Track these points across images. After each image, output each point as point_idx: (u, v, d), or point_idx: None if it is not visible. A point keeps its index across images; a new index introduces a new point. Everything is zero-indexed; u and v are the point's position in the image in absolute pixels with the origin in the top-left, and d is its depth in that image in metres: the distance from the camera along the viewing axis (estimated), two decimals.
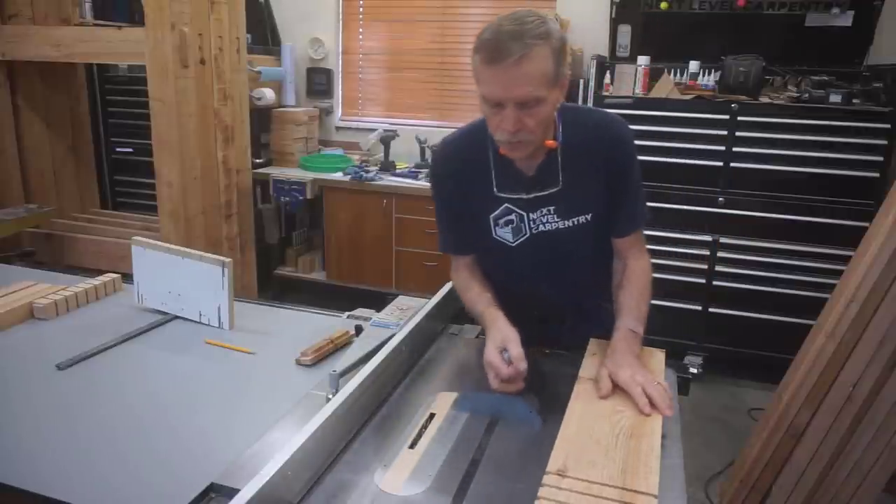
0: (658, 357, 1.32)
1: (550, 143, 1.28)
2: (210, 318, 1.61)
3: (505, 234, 1.36)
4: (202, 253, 1.62)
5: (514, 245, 1.37)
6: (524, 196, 1.33)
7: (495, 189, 1.33)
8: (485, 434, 1.16)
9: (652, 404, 1.12)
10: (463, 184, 1.37)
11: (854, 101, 2.97)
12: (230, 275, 1.57)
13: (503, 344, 1.22)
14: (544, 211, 1.33)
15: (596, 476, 0.95)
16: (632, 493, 0.92)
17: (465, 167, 1.36)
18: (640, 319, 1.29)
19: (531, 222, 1.34)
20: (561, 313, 1.50)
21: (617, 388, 1.17)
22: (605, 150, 1.30)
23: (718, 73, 3.22)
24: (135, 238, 1.70)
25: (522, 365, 1.20)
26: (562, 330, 1.50)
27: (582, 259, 1.40)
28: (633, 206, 1.36)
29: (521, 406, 1.20)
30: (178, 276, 1.62)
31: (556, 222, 1.34)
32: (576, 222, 1.34)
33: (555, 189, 1.31)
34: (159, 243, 1.67)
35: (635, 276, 1.35)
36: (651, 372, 1.23)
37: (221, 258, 1.58)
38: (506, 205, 1.34)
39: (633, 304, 1.30)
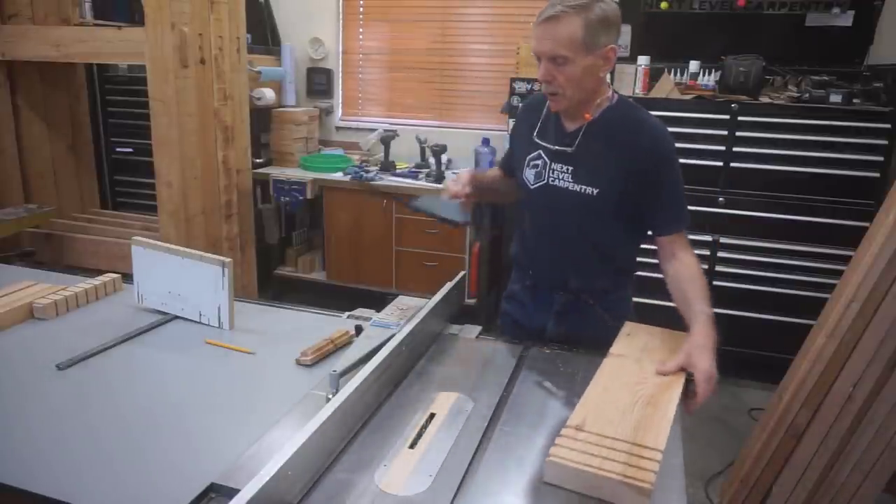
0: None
1: (588, 116, 1.46)
2: (210, 318, 1.61)
3: (529, 176, 1.56)
4: (202, 253, 1.62)
5: (532, 188, 1.55)
6: (552, 146, 1.52)
7: (536, 135, 1.55)
8: (485, 434, 1.16)
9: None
10: (522, 126, 1.62)
11: (854, 101, 2.98)
12: (230, 275, 1.57)
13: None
14: (563, 168, 1.50)
15: (610, 432, 1.04)
16: (640, 448, 1.00)
17: (527, 114, 1.62)
18: (708, 302, 1.38)
19: (551, 172, 1.52)
20: (556, 278, 1.60)
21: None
22: (634, 146, 1.43)
23: (718, 73, 3.22)
24: (135, 238, 1.70)
25: (465, 176, 1.57)
26: (550, 311, 1.62)
27: (584, 235, 1.52)
28: (672, 207, 1.49)
29: (456, 208, 1.56)
30: (178, 276, 1.62)
31: (568, 182, 1.49)
32: (582, 190, 1.47)
33: (571, 150, 1.48)
34: (159, 243, 1.67)
35: (691, 263, 1.47)
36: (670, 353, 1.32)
37: (221, 258, 1.58)
38: (538, 150, 1.54)
39: (700, 287, 1.42)
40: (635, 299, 1.68)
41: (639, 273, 1.65)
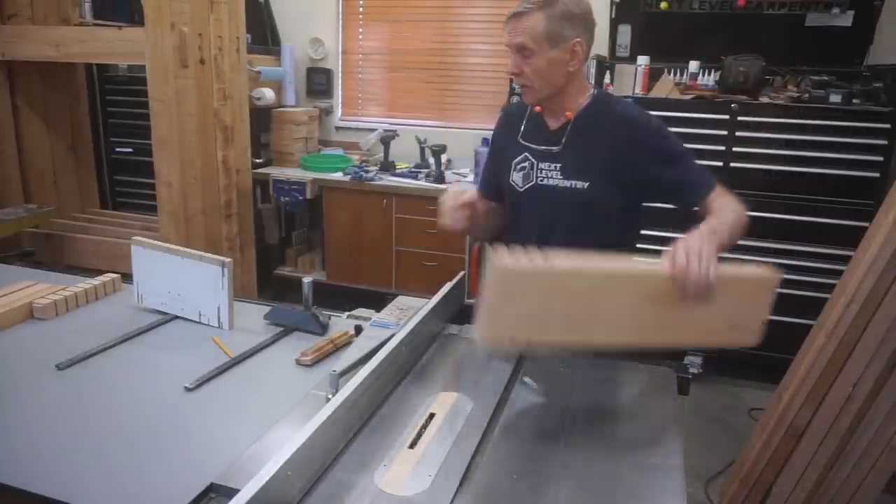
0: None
1: (568, 113, 1.52)
2: (210, 318, 1.61)
3: (517, 179, 1.58)
4: (202, 253, 1.62)
5: (521, 191, 1.57)
6: (538, 146, 1.55)
7: (520, 137, 1.59)
8: (485, 434, 1.16)
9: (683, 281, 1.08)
10: (503, 137, 1.67)
11: (854, 100, 2.97)
12: (230, 275, 1.58)
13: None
14: (551, 166, 1.53)
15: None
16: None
17: (509, 121, 1.66)
18: (723, 227, 1.28)
19: (539, 172, 1.54)
20: None
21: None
22: (621, 133, 1.47)
23: (718, 73, 3.22)
24: (134, 238, 1.70)
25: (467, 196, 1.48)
26: None
27: (575, 232, 1.51)
28: (691, 174, 1.47)
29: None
30: (178, 276, 1.62)
31: (558, 179, 1.52)
32: (573, 185, 1.50)
33: (557, 148, 1.52)
34: (159, 243, 1.67)
35: (724, 203, 1.39)
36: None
37: (221, 258, 1.58)
38: (524, 153, 1.57)
39: (718, 215, 1.34)
40: None
41: None
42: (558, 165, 1.51)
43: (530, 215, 1.58)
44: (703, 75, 3.27)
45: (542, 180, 1.53)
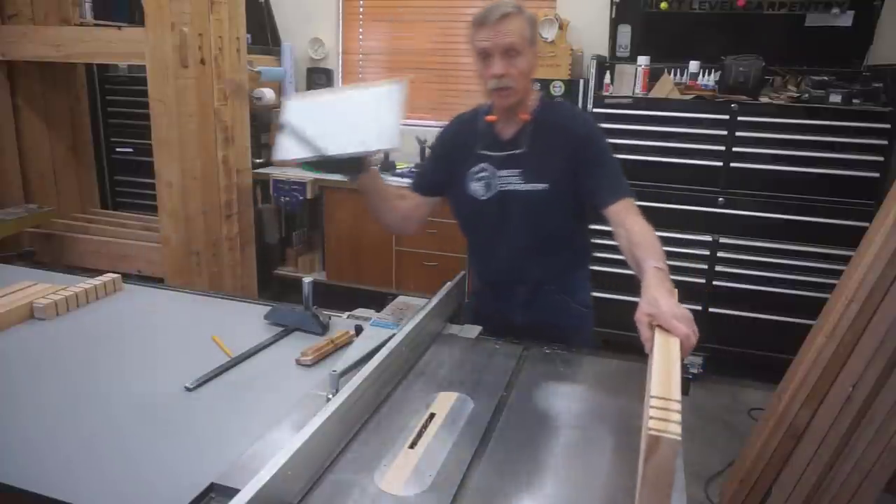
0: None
1: (524, 115, 1.57)
2: (373, 144, 1.47)
3: (477, 188, 1.62)
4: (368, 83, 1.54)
5: (484, 199, 1.62)
6: (497, 154, 1.60)
7: (478, 147, 1.62)
8: (485, 434, 1.16)
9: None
10: (453, 147, 1.68)
11: (854, 101, 2.97)
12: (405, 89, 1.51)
13: None
14: (512, 172, 1.58)
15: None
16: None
17: (458, 132, 1.69)
18: (661, 258, 1.31)
19: (499, 179, 1.59)
20: (518, 277, 1.67)
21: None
22: (571, 136, 1.55)
23: (718, 73, 3.22)
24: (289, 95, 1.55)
25: None
26: (515, 303, 1.68)
27: (539, 228, 1.61)
28: (610, 178, 1.55)
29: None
30: (342, 113, 1.50)
31: (519, 184, 1.58)
32: (534, 188, 1.57)
33: (519, 151, 1.58)
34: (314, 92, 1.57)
35: (639, 227, 1.43)
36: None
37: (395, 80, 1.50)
38: (482, 163, 1.61)
39: (648, 246, 1.35)
40: (594, 294, 1.78)
41: (595, 268, 1.70)
42: (518, 171, 1.58)
43: (491, 221, 1.64)
44: (703, 75, 3.27)
45: (503, 187, 1.59)
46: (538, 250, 1.64)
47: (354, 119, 1.50)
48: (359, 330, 1.52)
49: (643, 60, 3.30)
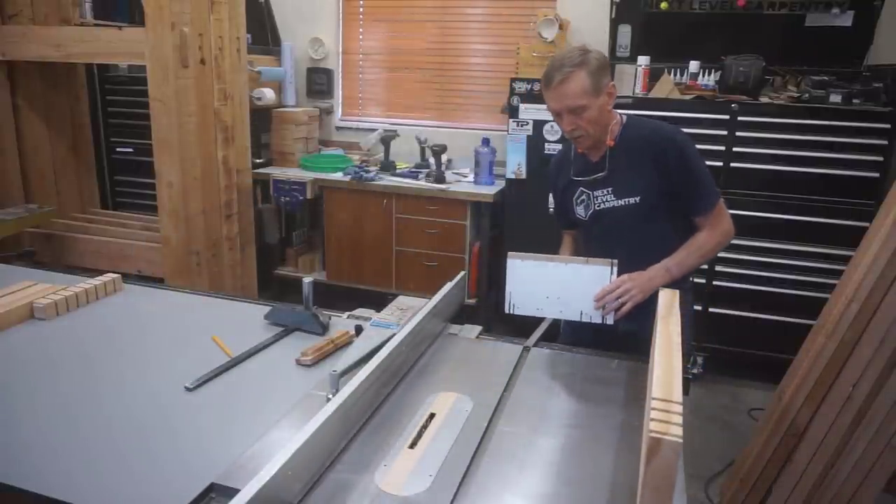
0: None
1: (610, 142, 1.69)
2: (593, 316, 1.61)
3: (580, 211, 1.78)
4: (586, 259, 1.66)
5: (586, 220, 1.77)
6: (588, 178, 1.74)
7: (572, 174, 1.78)
8: (485, 434, 1.16)
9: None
10: (558, 178, 1.86)
11: (854, 101, 2.97)
12: (616, 271, 1.62)
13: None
14: (604, 191, 1.71)
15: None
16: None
17: (559, 167, 1.87)
18: (679, 264, 1.63)
19: (595, 199, 1.73)
20: None
21: None
22: (655, 149, 1.65)
23: (718, 73, 3.22)
24: (510, 253, 1.67)
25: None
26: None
27: (634, 235, 1.69)
28: (698, 191, 1.66)
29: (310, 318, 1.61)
30: (561, 282, 1.63)
31: (613, 201, 1.70)
32: (627, 202, 1.68)
33: (604, 174, 1.70)
34: (536, 255, 1.67)
35: (696, 238, 1.67)
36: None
37: (608, 260, 1.61)
38: (580, 187, 1.77)
39: (682, 251, 1.64)
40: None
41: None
42: (609, 189, 1.70)
43: (596, 236, 1.77)
44: (704, 75, 3.27)
45: (599, 206, 1.72)
46: (640, 261, 1.64)
47: (573, 290, 1.63)
48: (359, 330, 1.52)
49: (643, 60, 3.30)
